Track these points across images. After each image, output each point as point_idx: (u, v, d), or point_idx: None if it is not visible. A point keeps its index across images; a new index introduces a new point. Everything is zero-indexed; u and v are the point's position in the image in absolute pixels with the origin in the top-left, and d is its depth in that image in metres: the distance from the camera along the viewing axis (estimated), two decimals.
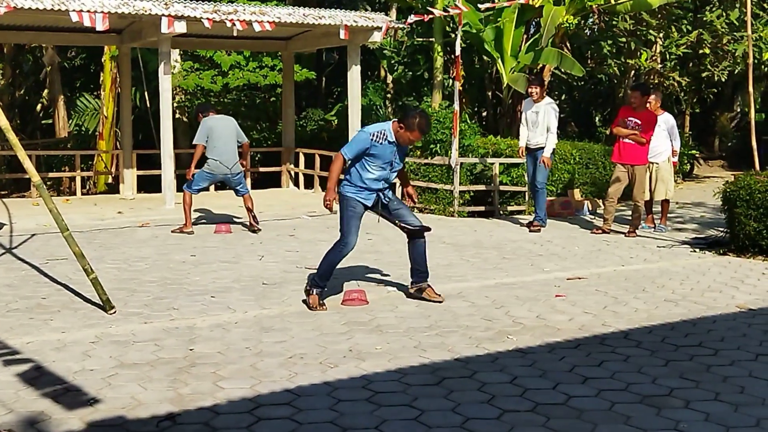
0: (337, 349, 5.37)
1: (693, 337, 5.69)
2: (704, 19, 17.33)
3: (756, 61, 16.53)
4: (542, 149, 10.70)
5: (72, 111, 19.89)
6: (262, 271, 7.94)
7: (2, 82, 18.97)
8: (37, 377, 4.78)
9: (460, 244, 9.71)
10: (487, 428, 4.09)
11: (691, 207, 13.72)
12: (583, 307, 6.57)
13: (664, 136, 10.93)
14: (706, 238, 10.24)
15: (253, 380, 4.75)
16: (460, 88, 12.52)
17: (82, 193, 15.29)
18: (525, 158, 11.17)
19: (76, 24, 11.36)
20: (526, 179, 11.99)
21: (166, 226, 10.68)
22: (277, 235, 10.29)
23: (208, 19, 12.04)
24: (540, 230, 10.71)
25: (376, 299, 6.75)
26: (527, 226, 11.03)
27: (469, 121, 13.70)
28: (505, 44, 14.34)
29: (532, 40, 14.56)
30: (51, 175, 16.60)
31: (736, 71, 17.44)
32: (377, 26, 13.34)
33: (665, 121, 10.96)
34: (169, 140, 12.74)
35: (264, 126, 19.17)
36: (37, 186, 6.57)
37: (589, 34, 18.41)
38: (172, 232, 10.29)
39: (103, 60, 18.06)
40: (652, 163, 10.77)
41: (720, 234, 10.10)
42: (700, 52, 17.44)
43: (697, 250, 9.36)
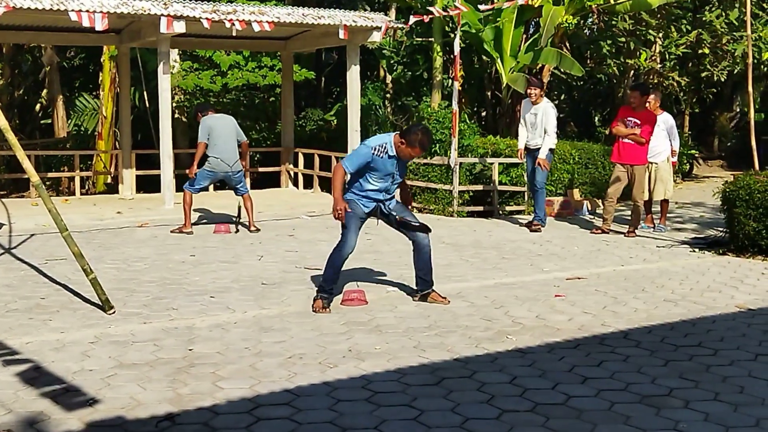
0: (337, 349, 5.37)
1: (692, 337, 5.69)
2: (704, 19, 17.32)
3: (755, 61, 16.52)
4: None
5: (71, 111, 19.87)
6: (262, 271, 7.94)
7: (1, 82, 18.96)
8: (36, 377, 4.78)
9: (459, 244, 9.71)
10: (487, 428, 4.09)
11: (691, 207, 13.71)
12: (582, 307, 6.57)
13: (664, 136, 10.93)
14: (706, 238, 10.24)
15: (253, 380, 4.75)
16: (460, 88, 12.52)
17: (81, 193, 15.28)
18: (525, 158, 11.18)
19: (75, 24, 11.35)
20: (525, 179, 11.98)
21: (165, 226, 10.68)
22: (277, 235, 10.29)
23: (207, 19, 12.04)
24: (540, 230, 10.71)
25: (375, 299, 6.75)
26: (527, 226, 11.04)
27: (468, 121, 13.69)
28: (504, 44, 14.33)
29: (531, 40, 14.55)
30: (50, 175, 16.59)
31: (736, 71, 17.43)
32: (376, 26, 13.33)
33: (664, 121, 10.96)
34: (168, 140, 12.73)
35: (263, 126, 19.16)
36: (36, 186, 6.57)
37: (588, 33, 18.39)
38: (171, 232, 10.29)
39: (102, 60, 18.04)
40: (651, 163, 10.78)
41: (719, 234, 10.10)
42: (700, 52, 17.43)
43: (697, 250, 9.36)
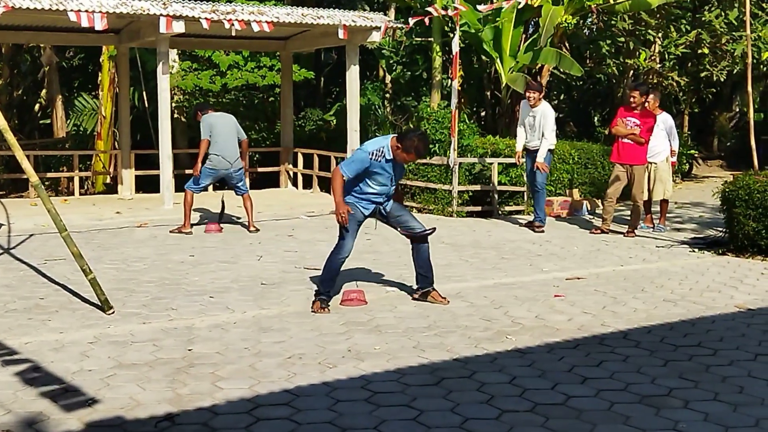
0: (336, 350, 5.36)
1: (692, 337, 5.69)
2: (703, 19, 17.31)
3: (755, 61, 16.51)
4: None
5: (70, 111, 19.86)
6: (261, 272, 7.94)
7: (0, 82, 18.95)
8: (36, 378, 4.78)
9: (458, 244, 9.71)
10: (486, 428, 4.09)
11: (690, 207, 13.71)
12: (582, 307, 6.57)
13: (663, 136, 10.92)
14: (705, 238, 10.24)
15: (252, 380, 4.75)
16: (459, 88, 12.51)
17: (81, 194, 15.28)
18: (524, 159, 11.15)
19: (74, 24, 11.34)
20: (525, 179, 11.97)
21: (165, 227, 10.67)
22: (276, 235, 10.28)
23: (206, 19, 12.03)
24: (543, 230, 10.70)
25: (374, 299, 6.75)
26: (527, 226, 11.03)
27: (467, 121, 13.68)
28: (503, 44, 14.32)
29: (530, 40, 14.54)
30: (49, 176, 16.59)
31: (735, 71, 17.41)
32: (376, 26, 13.33)
33: (663, 121, 10.95)
34: (168, 140, 12.72)
35: (262, 126, 19.15)
36: (36, 186, 6.57)
37: (587, 33, 18.38)
38: (170, 232, 10.29)
39: (101, 60, 18.03)
40: (650, 163, 10.77)
41: (719, 234, 10.10)
42: (699, 51, 17.42)
43: (696, 250, 9.36)
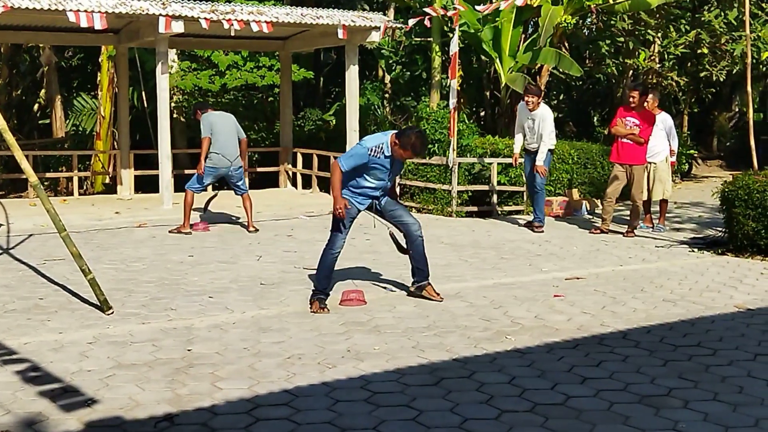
0: (336, 350, 5.36)
1: (691, 337, 5.69)
2: (702, 19, 17.31)
3: (754, 61, 16.50)
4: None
5: (69, 111, 19.86)
6: (260, 272, 7.94)
7: None
8: (35, 378, 4.77)
9: (458, 244, 9.71)
10: (486, 428, 4.08)
11: (690, 207, 13.70)
12: (581, 307, 6.57)
13: (662, 136, 10.92)
14: (705, 237, 10.24)
15: (251, 381, 4.74)
16: (458, 88, 12.50)
17: (80, 194, 15.27)
18: (524, 159, 11.13)
19: (73, 24, 11.34)
20: (524, 179, 11.96)
21: (164, 227, 10.67)
22: (275, 235, 10.28)
23: (205, 19, 12.03)
24: (542, 230, 10.70)
25: (374, 299, 6.74)
26: (526, 226, 11.03)
27: (467, 121, 13.68)
28: (503, 44, 14.32)
29: (530, 40, 14.54)
30: (48, 176, 16.59)
31: (735, 71, 17.41)
32: (375, 26, 13.33)
33: (663, 121, 10.95)
34: (167, 140, 12.72)
35: (262, 126, 19.15)
36: (35, 186, 6.56)
37: (587, 33, 18.37)
38: (169, 232, 10.29)
39: (100, 60, 18.03)
40: (650, 163, 10.77)
41: (718, 234, 10.10)
42: (699, 51, 17.42)
43: (696, 250, 9.36)
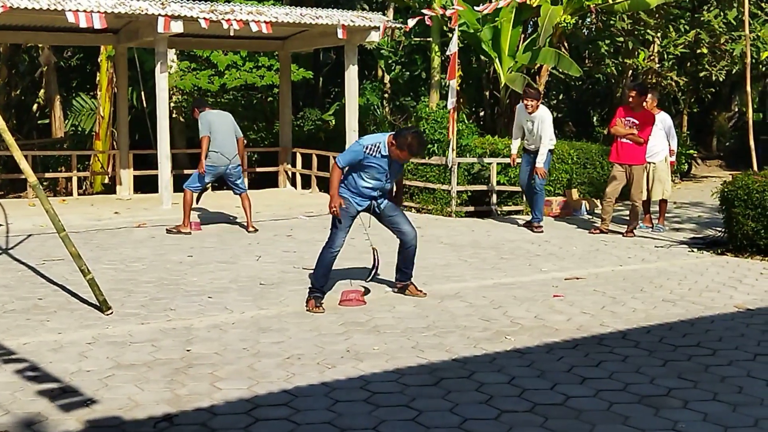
0: (335, 350, 5.36)
1: (691, 337, 5.69)
2: (702, 19, 17.31)
3: (754, 61, 16.49)
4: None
5: (68, 111, 19.86)
6: (260, 272, 7.93)
7: None
8: (34, 378, 4.77)
9: (457, 244, 9.70)
10: (486, 428, 4.08)
11: (689, 207, 13.71)
12: (581, 307, 6.57)
13: (662, 136, 10.92)
14: (704, 237, 10.24)
15: (251, 381, 4.74)
16: (458, 87, 12.49)
17: (79, 194, 15.26)
18: (521, 158, 11.10)
19: (72, 24, 11.34)
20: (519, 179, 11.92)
21: (163, 227, 10.65)
22: (275, 235, 10.28)
23: (204, 19, 12.02)
24: (542, 230, 10.69)
25: (373, 299, 6.74)
26: (525, 226, 11.02)
27: (466, 121, 13.68)
28: (502, 44, 14.31)
29: (529, 40, 14.53)
30: (47, 176, 16.57)
31: (734, 71, 17.42)
32: (374, 26, 13.32)
33: (662, 121, 10.95)
34: (166, 140, 12.71)
35: (261, 126, 19.14)
36: (34, 186, 6.56)
37: (586, 33, 18.37)
38: (167, 231, 10.27)
39: (99, 60, 18.03)
40: (649, 163, 10.76)
41: (718, 234, 10.10)
42: (698, 51, 17.43)
43: (695, 250, 9.35)
